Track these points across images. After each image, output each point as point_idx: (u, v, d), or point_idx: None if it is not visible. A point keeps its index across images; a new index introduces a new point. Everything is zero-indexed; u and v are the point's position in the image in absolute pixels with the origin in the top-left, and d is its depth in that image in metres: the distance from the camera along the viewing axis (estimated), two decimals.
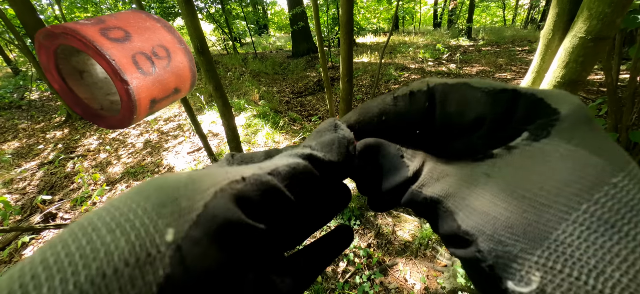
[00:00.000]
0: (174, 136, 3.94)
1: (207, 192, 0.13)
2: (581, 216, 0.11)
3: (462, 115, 0.16)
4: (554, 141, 0.13)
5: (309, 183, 0.17)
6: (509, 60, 6.75)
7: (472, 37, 10.08)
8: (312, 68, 7.66)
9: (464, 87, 0.16)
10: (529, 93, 0.15)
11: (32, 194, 3.11)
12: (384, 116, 0.19)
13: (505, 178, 0.14)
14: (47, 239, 2.47)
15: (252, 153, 0.19)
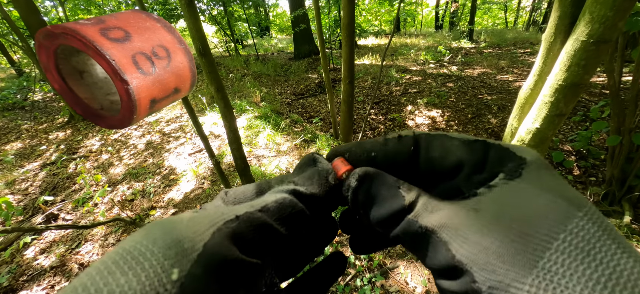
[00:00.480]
0: (176, 137, 3.95)
1: (206, 233, 0.14)
2: (561, 244, 0.12)
3: (443, 160, 0.19)
4: (526, 181, 0.15)
5: (296, 216, 0.19)
6: (511, 62, 6.73)
7: (474, 39, 10.07)
8: (313, 70, 7.67)
9: (443, 136, 0.19)
10: (496, 143, 0.18)
11: (34, 195, 3.12)
12: (374, 153, 0.21)
13: (492, 211, 0.15)
14: (49, 240, 2.47)
15: (244, 187, 0.21)
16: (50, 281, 2.14)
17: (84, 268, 2.19)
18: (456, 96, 5.09)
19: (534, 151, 0.17)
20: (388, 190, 0.19)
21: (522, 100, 1.07)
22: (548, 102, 0.84)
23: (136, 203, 2.79)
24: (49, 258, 2.31)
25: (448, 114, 4.61)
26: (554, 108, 0.84)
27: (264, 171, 2.73)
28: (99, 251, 2.30)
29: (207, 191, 2.71)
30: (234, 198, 0.20)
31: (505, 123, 4.14)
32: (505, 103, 4.61)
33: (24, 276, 2.20)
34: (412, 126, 4.56)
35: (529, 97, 1.03)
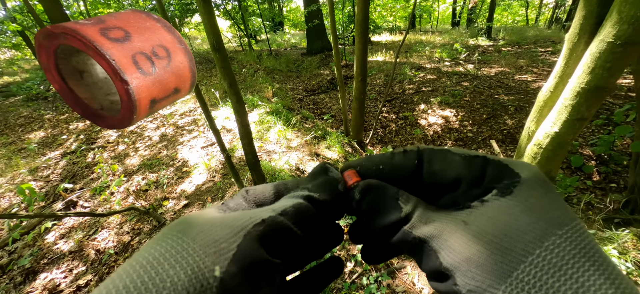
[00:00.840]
0: (189, 130, 4.03)
1: (239, 234, 0.16)
2: (535, 259, 0.14)
3: (444, 174, 0.20)
4: (516, 198, 0.17)
5: (310, 220, 0.21)
6: (531, 61, 6.50)
7: (492, 37, 9.77)
8: (325, 67, 7.64)
9: (445, 152, 0.21)
10: (496, 160, 0.19)
11: (55, 182, 3.26)
12: (382, 165, 0.23)
13: (478, 225, 0.17)
14: (68, 225, 2.58)
15: (262, 188, 0.24)
16: (68, 265, 2.23)
17: (100, 253, 2.28)
18: (471, 95, 4.96)
19: (532, 168, 0.18)
20: (388, 201, 0.21)
21: (541, 102, 1.02)
22: (569, 105, 0.80)
23: (150, 194, 2.87)
24: (68, 243, 2.41)
25: (462, 114, 4.51)
26: (575, 112, 0.80)
27: (274, 166, 2.75)
28: (114, 238, 2.38)
29: (218, 184, 2.76)
30: (254, 197, 0.23)
31: (521, 124, 4.01)
32: (523, 104, 4.46)
33: (45, 259, 2.30)
34: (425, 125, 4.49)
35: (548, 99, 0.98)
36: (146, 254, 0.14)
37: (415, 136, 4.30)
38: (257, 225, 0.17)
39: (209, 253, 0.15)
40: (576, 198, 2.76)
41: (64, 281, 2.12)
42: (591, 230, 2.16)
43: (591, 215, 2.44)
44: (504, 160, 0.19)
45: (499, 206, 0.17)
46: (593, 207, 2.61)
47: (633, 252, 1.86)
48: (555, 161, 0.96)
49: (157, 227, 2.40)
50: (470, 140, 4.01)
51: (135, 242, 2.32)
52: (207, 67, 7.29)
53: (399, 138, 4.39)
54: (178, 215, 2.50)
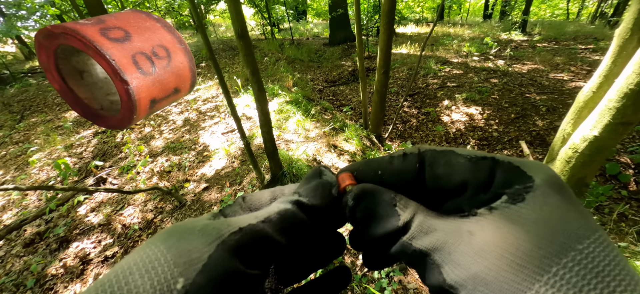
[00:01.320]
0: (211, 116, 4.13)
1: (213, 244, 0.15)
2: (552, 278, 0.12)
3: (448, 178, 0.18)
4: (529, 206, 0.15)
5: (297, 227, 0.19)
6: (569, 59, 6.05)
7: (527, 32, 9.17)
8: (347, 58, 7.53)
9: (449, 153, 0.19)
10: (506, 161, 0.17)
11: (87, 159, 3.47)
12: (381, 171, 0.21)
13: (486, 237, 0.15)
14: (98, 200, 2.75)
15: (260, 194, 0.22)
16: (98, 236, 2.39)
17: (126, 228, 2.42)
18: (500, 93, 4.71)
19: (548, 170, 0.16)
20: (384, 208, 0.19)
21: (580, 102, 0.94)
22: (613, 107, 0.73)
23: (173, 175, 2.99)
24: (98, 216, 2.57)
25: (488, 112, 4.30)
26: (619, 115, 0.72)
27: (292, 155, 2.77)
28: (139, 215, 2.51)
29: (237, 170, 2.82)
30: (250, 204, 0.22)
31: (553, 126, 3.77)
32: (557, 105, 4.18)
33: (77, 230, 2.48)
34: (447, 122, 4.33)
35: (589, 100, 0.90)
36: (124, 263, 0.15)
37: (437, 133, 4.17)
38: (234, 234, 0.17)
39: (178, 263, 0.14)
40: (608, 208, 2.58)
41: (93, 251, 2.27)
42: (623, 242, 2.01)
43: (624, 227, 2.27)
44: (516, 160, 0.17)
45: (509, 215, 0.15)
46: (627, 219, 2.42)
47: None
48: (591, 167, 0.89)
49: (178, 207, 2.51)
50: (495, 140, 3.83)
51: (158, 220, 2.43)
52: (230, 54, 7.40)
53: (419, 134, 4.27)
54: (198, 197, 2.59)
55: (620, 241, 2.06)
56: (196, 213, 2.41)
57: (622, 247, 1.93)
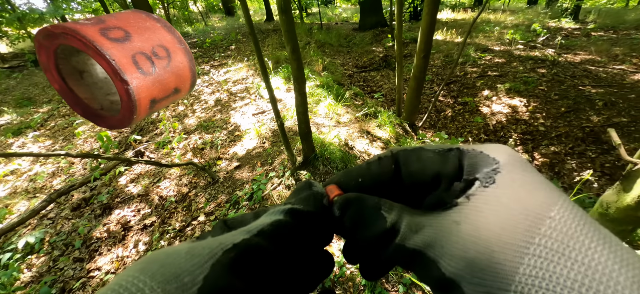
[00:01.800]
0: (242, 98, 4.16)
1: (206, 265, 0.14)
2: (537, 248, 0.12)
3: (422, 173, 0.19)
4: (500, 187, 0.15)
5: (292, 238, 0.19)
6: (630, 50, 5.42)
7: (580, 19, 8.33)
8: (378, 43, 7.26)
9: (419, 150, 0.20)
10: (470, 149, 0.18)
11: (126, 133, 3.63)
12: (361, 178, 0.22)
13: (471, 222, 0.15)
14: (137, 172, 2.87)
15: (242, 215, 0.21)
16: (137, 206, 2.50)
17: (163, 200, 2.50)
18: (548, 85, 4.32)
19: (506, 149, 0.17)
20: (370, 212, 0.19)
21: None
22: None
23: (206, 152, 3.05)
24: (137, 187, 2.69)
25: (534, 104, 3.97)
26: None
27: (323, 139, 2.71)
28: (175, 188, 2.59)
29: (268, 151, 2.82)
30: (232, 226, 0.20)
31: (610, 123, 3.40)
32: (616, 100, 3.76)
33: (118, 198, 2.61)
34: (487, 113, 4.05)
35: None
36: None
37: (475, 124, 3.92)
38: (228, 251, 0.16)
39: (169, 291, 0.13)
40: None
41: (133, 218, 2.38)
42: None
43: None
44: (478, 146, 0.18)
45: (486, 198, 0.15)
46: None
47: None
48: None
49: (211, 183, 2.55)
50: (541, 135, 3.53)
51: (192, 194, 2.49)
52: (259, 37, 7.40)
53: (455, 124, 4.05)
54: (230, 174, 2.62)
55: None
56: (229, 190, 2.43)
57: None
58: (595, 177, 2.84)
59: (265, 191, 2.30)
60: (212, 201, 2.37)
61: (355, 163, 2.50)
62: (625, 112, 3.53)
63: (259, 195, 2.23)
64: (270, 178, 2.43)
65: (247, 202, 2.25)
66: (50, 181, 2.95)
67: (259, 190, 2.28)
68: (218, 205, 2.32)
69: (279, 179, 2.40)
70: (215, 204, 2.33)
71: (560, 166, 3.12)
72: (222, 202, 2.34)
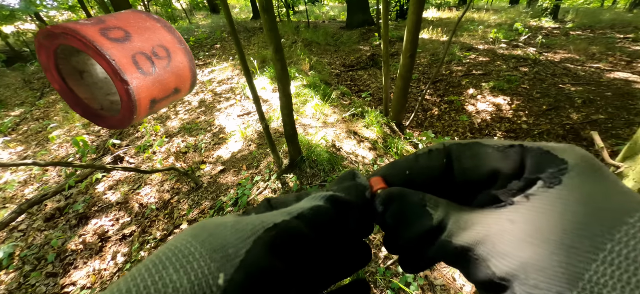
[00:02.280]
0: (226, 98, 4.05)
1: (248, 240, 0.15)
2: (609, 255, 0.11)
3: (477, 170, 0.18)
4: (567, 187, 0.14)
5: (331, 226, 0.19)
6: (606, 48, 5.63)
7: (559, 18, 8.60)
8: (365, 42, 7.26)
9: (475, 145, 0.19)
10: (535, 147, 0.17)
11: (105, 137, 3.47)
12: (408, 171, 0.21)
13: (529, 222, 0.14)
14: (116, 178, 2.74)
15: (285, 196, 0.21)
16: (115, 214, 2.38)
17: (143, 207, 2.40)
18: (530, 83, 4.42)
19: (578, 150, 0.16)
20: (414, 209, 0.19)
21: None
22: None
23: (189, 156, 2.95)
24: (115, 194, 2.57)
25: (517, 102, 4.05)
26: None
27: (310, 140, 2.67)
28: (156, 194, 2.48)
29: (254, 153, 2.75)
30: (275, 205, 0.20)
31: (589, 120, 3.51)
32: (594, 97, 3.89)
33: (95, 207, 2.48)
34: (472, 112, 4.11)
35: None
36: (155, 258, 0.14)
37: (460, 122, 3.97)
38: (269, 230, 0.16)
39: (215, 259, 0.14)
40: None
41: (111, 228, 2.27)
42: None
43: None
44: (544, 145, 0.16)
45: (549, 198, 0.14)
46: None
47: None
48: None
49: (195, 189, 2.46)
50: (524, 132, 3.61)
51: (175, 200, 2.40)
52: (244, 36, 7.26)
53: (441, 123, 4.08)
54: (214, 179, 2.54)
55: None
56: (213, 195, 2.36)
57: None
58: None
59: (251, 195, 2.24)
60: (196, 207, 2.29)
61: (342, 165, 2.47)
62: (602, 109, 3.65)
63: (244, 200, 2.16)
64: (255, 182, 2.36)
65: (231, 208, 2.18)
66: (22, 190, 2.78)
67: (243, 195, 2.22)
68: (202, 211, 2.24)
69: (264, 183, 2.34)
70: (199, 210, 2.25)
71: None
72: (206, 208, 2.26)
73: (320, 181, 2.30)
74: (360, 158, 2.65)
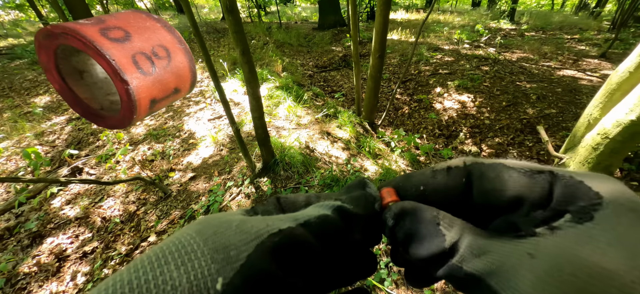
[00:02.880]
0: (196, 102, 3.91)
1: (251, 244, 0.15)
2: None
3: (500, 194, 0.17)
4: (599, 225, 0.13)
5: (337, 236, 0.18)
6: (556, 48, 6.14)
7: (515, 20, 9.25)
8: (338, 43, 7.34)
9: (499, 166, 0.17)
10: (567, 175, 0.15)
11: (60, 147, 3.21)
12: (423, 186, 0.20)
13: (550, 260, 0.13)
14: (74, 192, 2.55)
15: (295, 196, 0.21)
16: (74, 231, 2.21)
17: (106, 221, 2.25)
18: (491, 81, 4.72)
19: (616, 184, 0.14)
20: (427, 227, 0.18)
21: (613, 84, 0.87)
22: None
23: (156, 164, 2.81)
24: (74, 209, 2.38)
25: (480, 99, 4.30)
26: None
27: (283, 143, 2.65)
28: (120, 206, 2.34)
29: (226, 158, 2.68)
30: (284, 206, 0.20)
31: (543, 114, 3.81)
32: (547, 93, 4.22)
33: (51, 224, 2.28)
34: (440, 109, 4.30)
35: (625, 81, 0.84)
36: (159, 251, 0.14)
37: (429, 120, 4.14)
38: (273, 235, 0.16)
39: (216, 259, 0.14)
40: None
41: (70, 246, 2.10)
42: None
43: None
44: (577, 174, 0.15)
45: (577, 235, 0.13)
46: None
47: None
48: (620, 154, 0.83)
49: (163, 198, 2.35)
50: (487, 128, 3.84)
51: (141, 212, 2.27)
52: (214, 37, 7.05)
53: (412, 121, 4.23)
54: (184, 187, 2.44)
55: None
56: (183, 204, 2.26)
57: None
58: None
59: (224, 202, 2.18)
60: (165, 218, 2.18)
61: (316, 166, 2.47)
62: (554, 104, 3.98)
63: (216, 208, 2.10)
64: (228, 188, 2.30)
65: (203, 216, 2.11)
66: None
67: (215, 202, 2.15)
68: (171, 221, 2.14)
69: (237, 188, 2.29)
70: (168, 221, 2.15)
71: (504, 156, 3.41)
72: (175, 218, 2.16)
73: (294, 184, 2.29)
74: (333, 159, 2.67)
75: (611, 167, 0.83)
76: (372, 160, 2.72)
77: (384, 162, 2.69)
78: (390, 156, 2.95)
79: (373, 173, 2.49)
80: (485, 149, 3.56)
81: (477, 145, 3.62)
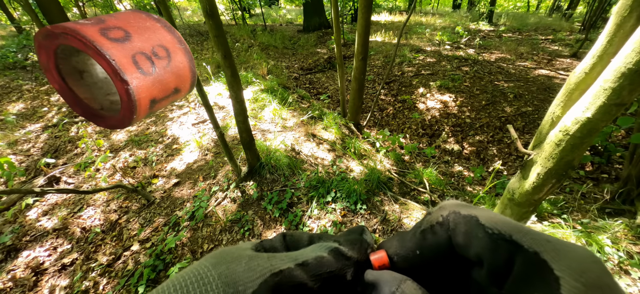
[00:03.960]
0: (179, 106, 3.85)
1: (256, 281, 0.17)
2: None
3: (466, 251, 0.18)
4: None
5: (330, 274, 0.20)
6: (531, 48, 6.41)
7: (493, 22, 9.59)
8: (322, 45, 7.39)
9: (470, 222, 0.18)
10: (531, 250, 0.14)
11: (36, 156, 3.08)
12: (418, 251, 0.20)
13: None
14: (51, 202, 2.45)
15: (299, 234, 0.24)
16: (52, 243, 2.13)
17: (86, 231, 2.18)
18: (471, 81, 4.88)
19: (583, 263, 0.13)
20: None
21: (572, 84, 0.94)
22: (609, 88, 0.72)
23: (138, 171, 2.75)
24: (52, 220, 2.29)
25: (461, 99, 4.44)
26: (615, 96, 0.72)
27: (269, 146, 2.65)
28: (101, 216, 2.27)
29: (211, 163, 2.65)
30: (289, 242, 0.23)
31: (520, 112, 3.97)
32: (523, 92, 4.41)
33: (27, 237, 2.19)
34: (423, 109, 4.41)
35: (581, 81, 0.90)
36: (181, 279, 0.16)
37: (413, 120, 4.23)
38: (274, 275, 0.18)
39: (226, 292, 0.15)
40: (569, 188, 2.77)
41: (48, 259, 2.02)
42: (585, 219, 2.17)
43: (584, 205, 2.46)
44: (544, 249, 0.14)
45: None
46: (585, 197, 2.62)
47: (624, 242, 1.88)
48: (581, 149, 0.89)
49: (146, 206, 2.30)
50: (468, 126, 3.97)
51: (123, 220, 2.22)
52: (197, 39, 6.95)
53: (396, 121, 4.31)
54: (168, 193, 2.40)
55: (583, 218, 2.21)
56: (167, 211, 2.22)
57: (585, 223, 2.08)
58: (511, 160, 3.29)
59: (209, 207, 2.16)
60: (148, 226, 2.14)
61: (302, 168, 2.49)
62: (530, 103, 4.16)
63: (201, 214, 2.08)
64: (213, 193, 2.28)
65: (188, 222, 2.08)
66: None
67: (200, 208, 2.13)
68: (155, 229, 2.10)
69: (223, 192, 2.27)
70: (152, 229, 2.10)
71: (484, 153, 3.53)
72: (159, 226, 2.12)
73: (280, 187, 2.29)
74: (319, 160, 2.69)
75: (573, 162, 0.89)
76: (358, 160, 2.76)
77: (369, 162, 2.74)
78: (375, 157, 3.00)
79: (358, 174, 2.53)
80: (466, 147, 3.67)
81: (459, 143, 3.74)
